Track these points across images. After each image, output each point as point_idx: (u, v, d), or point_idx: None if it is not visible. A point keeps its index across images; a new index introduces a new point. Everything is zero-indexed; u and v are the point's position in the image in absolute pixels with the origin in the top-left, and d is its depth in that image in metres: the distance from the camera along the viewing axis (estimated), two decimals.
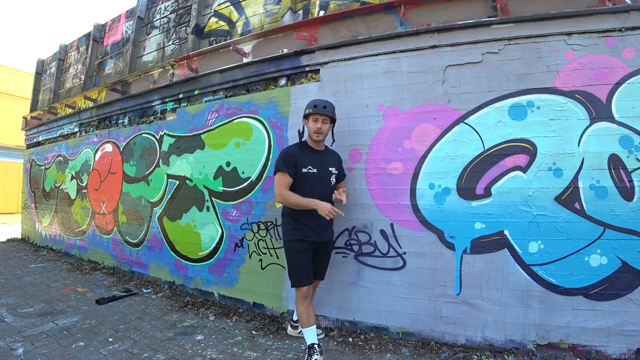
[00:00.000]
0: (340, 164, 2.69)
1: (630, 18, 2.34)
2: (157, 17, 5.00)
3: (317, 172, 2.44)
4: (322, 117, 2.42)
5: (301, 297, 2.38)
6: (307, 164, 2.42)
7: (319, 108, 2.41)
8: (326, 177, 2.50)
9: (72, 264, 5.26)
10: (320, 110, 2.41)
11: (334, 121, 2.55)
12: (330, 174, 2.52)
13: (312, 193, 2.37)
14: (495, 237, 2.50)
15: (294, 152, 2.44)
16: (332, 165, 2.56)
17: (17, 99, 14.84)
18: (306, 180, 2.41)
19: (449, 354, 2.47)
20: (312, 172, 2.42)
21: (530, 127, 2.46)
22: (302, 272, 2.39)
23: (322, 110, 2.41)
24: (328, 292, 2.94)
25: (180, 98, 4.17)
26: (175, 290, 3.97)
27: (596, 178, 2.32)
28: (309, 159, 2.45)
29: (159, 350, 2.55)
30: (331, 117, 2.46)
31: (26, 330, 2.86)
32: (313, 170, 2.43)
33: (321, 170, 2.46)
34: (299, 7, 3.55)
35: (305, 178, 2.40)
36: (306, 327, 2.33)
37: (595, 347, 2.30)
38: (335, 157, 2.66)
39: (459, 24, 2.65)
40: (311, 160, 2.45)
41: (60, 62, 6.92)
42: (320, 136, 2.45)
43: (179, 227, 3.99)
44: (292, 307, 3.06)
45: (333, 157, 2.63)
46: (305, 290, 2.37)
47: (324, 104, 2.43)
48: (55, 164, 6.43)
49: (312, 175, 2.42)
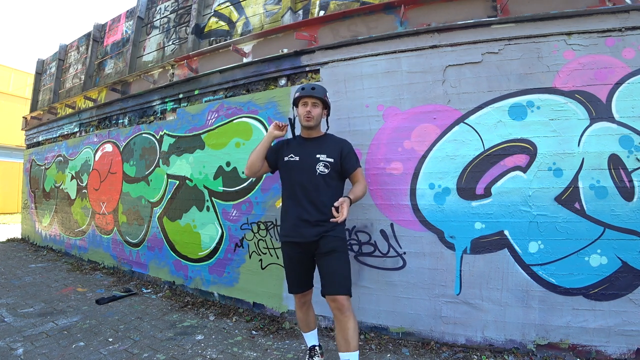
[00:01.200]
0: (347, 153, 2.24)
1: (630, 18, 2.34)
2: (157, 17, 5.00)
3: (299, 160, 2.19)
4: (312, 99, 2.19)
5: (296, 304, 2.29)
6: (289, 152, 2.24)
7: (307, 90, 2.19)
8: (309, 165, 2.16)
9: (72, 264, 5.26)
10: (308, 92, 2.18)
11: (328, 106, 2.32)
12: (316, 161, 2.16)
13: (293, 182, 2.19)
14: (495, 237, 2.50)
15: (284, 142, 2.33)
16: (324, 152, 2.19)
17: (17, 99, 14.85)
18: (287, 169, 2.23)
19: (449, 354, 2.47)
20: (293, 160, 2.21)
21: (530, 127, 2.46)
22: (289, 278, 2.25)
23: (311, 92, 2.18)
24: None
25: (180, 98, 4.17)
26: (175, 290, 3.97)
27: (596, 178, 2.32)
28: (295, 147, 2.26)
29: (159, 350, 2.55)
30: (322, 99, 2.22)
31: (26, 330, 2.86)
32: (295, 158, 2.21)
33: (304, 158, 2.19)
34: (299, 7, 3.55)
35: (286, 167, 2.23)
36: (305, 332, 2.30)
37: (595, 347, 2.30)
38: (336, 144, 2.26)
39: (459, 24, 2.65)
40: (296, 148, 2.25)
41: (60, 62, 6.92)
42: (310, 121, 2.19)
43: (179, 227, 3.99)
44: (292, 307, 3.06)
45: (330, 145, 2.25)
46: (298, 297, 2.25)
47: (312, 86, 2.22)
48: (55, 164, 6.43)
49: (292, 163, 2.21)
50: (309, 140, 2.28)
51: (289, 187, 2.21)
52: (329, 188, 2.17)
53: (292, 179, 2.20)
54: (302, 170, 2.17)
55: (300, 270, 2.20)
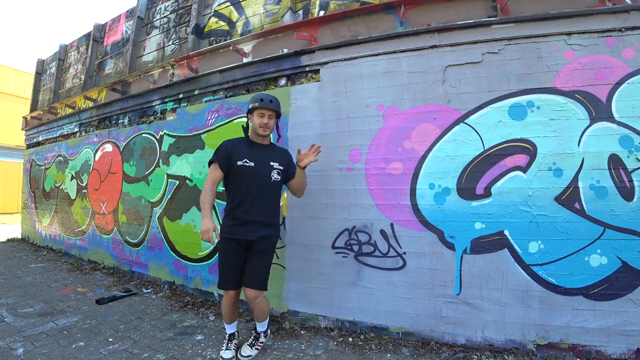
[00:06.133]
0: (290, 161, 2.51)
1: (630, 18, 2.34)
2: (157, 17, 5.00)
3: (254, 166, 2.31)
4: (269, 112, 2.35)
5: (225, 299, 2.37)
6: (243, 157, 2.31)
7: (265, 102, 2.32)
8: (265, 172, 2.34)
9: (72, 264, 5.26)
10: (266, 104, 2.32)
11: (279, 116, 2.49)
12: (270, 168, 2.36)
13: (247, 189, 2.29)
14: (495, 237, 2.50)
15: (232, 144, 2.36)
16: (276, 160, 2.40)
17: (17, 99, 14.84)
18: (240, 174, 2.30)
19: (449, 354, 2.47)
20: (248, 166, 2.30)
21: (530, 127, 2.46)
22: (222, 274, 2.35)
23: (269, 105, 2.33)
24: (328, 292, 2.94)
25: (180, 98, 4.17)
26: (175, 290, 3.97)
27: (596, 178, 2.32)
28: (248, 152, 2.34)
29: (159, 350, 2.55)
30: (277, 111, 2.39)
31: (26, 330, 2.86)
32: (250, 163, 2.30)
33: (259, 164, 2.33)
34: (299, 7, 3.55)
35: (240, 172, 2.30)
36: (227, 323, 2.48)
37: (595, 347, 2.30)
38: (282, 153, 2.50)
39: (459, 24, 2.65)
40: (249, 153, 2.33)
41: (60, 62, 6.91)
42: (267, 131, 2.37)
43: (179, 227, 3.99)
44: (292, 306, 3.06)
45: (279, 153, 2.48)
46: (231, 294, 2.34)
47: (270, 98, 2.35)
48: (55, 164, 6.43)
49: (247, 168, 2.30)
50: (261, 147, 2.42)
51: (240, 190, 2.31)
52: (276, 193, 2.44)
53: (245, 183, 2.31)
54: (256, 176, 2.33)
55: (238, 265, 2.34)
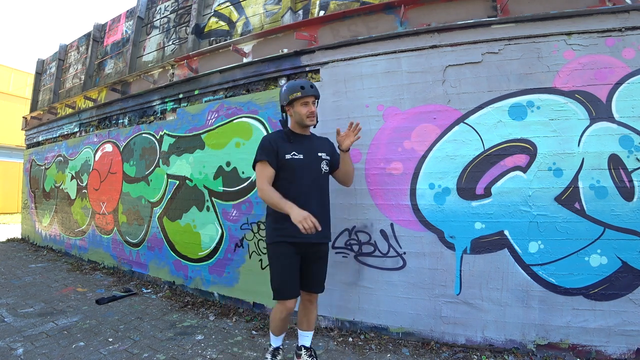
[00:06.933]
0: (333, 148, 2.33)
1: (630, 18, 2.34)
2: (157, 17, 5.00)
3: (304, 158, 2.11)
4: (312, 98, 2.13)
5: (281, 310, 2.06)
6: (290, 150, 2.10)
7: (307, 89, 2.09)
8: (315, 163, 2.16)
9: (72, 264, 5.26)
10: (309, 91, 2.10)
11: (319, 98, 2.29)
12: (319, 159, 2.18)
13: (300, 182, 2.08)
14: (495, 237, 2.50)
15: (274, 139, 2.14)
16: (323, 150, 2.23)
17: (17, 99, 14.84)
18: (291, 168, 2.09)
19: (449, 354, 2.47)
20: (297, 159, 2.10)
21: (530, 127, 2.46)
22: (284, 282, 2.05)
23: (311, 91, 2.11)
24: (328, 292, 2.91)
25: (180, 98, 4.17)
26: (175, 290, 3.97)
27: (596, 178, 2.32)
28: (293, 144, 2.13)
29: (159, 350, 2.55)
30: (318, 95, 2.18)
31: (26, 330, 2.86)
32: (298, 156, 2.10)
33: (308, 156, 2.14)
34: (299, 7, 3.55)
35: (290, 166, 2.08)
36: (277, 335, 2.21)
37: (595, 347, 2.30)
38: (324, 141, 2.32)
39: (459, 24, 2.65)
40: (296, 145, 2.13)
41: (60, 62, 6.92)
42: (314, 120, 2.16)
43: (179, 227, 3.99)
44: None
45: (323, 143, 2.30)
46: (291, 304, 2.06)
47: (310, 84, 2.13)
48: (55, 164, 6.43)
49: (297, 161, 2.09)
50: (305, 138, 2.22)
51: (292, 187, 2.07)
52: (327, 187, 2.25)
53: (299, 178, 2.09)
54: (310, 169, 2.13)
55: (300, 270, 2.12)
